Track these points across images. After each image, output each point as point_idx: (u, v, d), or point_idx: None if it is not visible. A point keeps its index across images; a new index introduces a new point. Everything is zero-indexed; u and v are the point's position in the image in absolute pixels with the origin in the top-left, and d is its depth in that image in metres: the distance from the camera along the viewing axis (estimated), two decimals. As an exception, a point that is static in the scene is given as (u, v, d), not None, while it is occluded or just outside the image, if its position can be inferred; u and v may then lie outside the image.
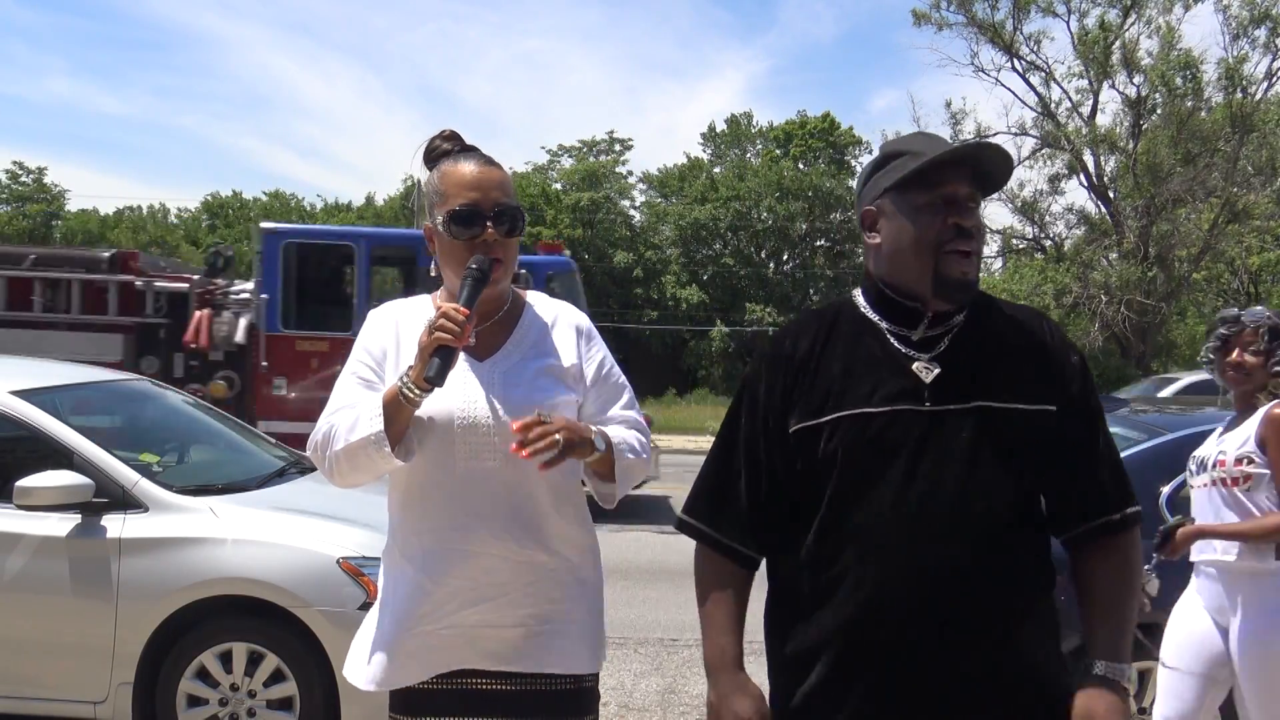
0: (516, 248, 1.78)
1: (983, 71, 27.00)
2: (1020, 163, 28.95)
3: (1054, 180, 28.06)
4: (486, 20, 77.65)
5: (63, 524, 3.45)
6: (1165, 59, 24.57)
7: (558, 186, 40.49)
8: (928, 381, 1.49)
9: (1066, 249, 27.15)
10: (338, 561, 3.43)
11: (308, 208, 53.14)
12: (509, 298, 1.81)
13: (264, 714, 3.45)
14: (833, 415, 1.49)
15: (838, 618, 1.46)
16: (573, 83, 75.32)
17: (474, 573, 1.69)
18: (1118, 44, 25.10)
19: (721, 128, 45.21)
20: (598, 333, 1.88)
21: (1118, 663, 1.47)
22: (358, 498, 4.42)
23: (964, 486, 1.44)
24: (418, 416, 1.65)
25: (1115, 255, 24.93)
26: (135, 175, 78.57)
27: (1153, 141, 24.53)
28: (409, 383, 1.59)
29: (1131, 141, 25.42)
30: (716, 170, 43.06)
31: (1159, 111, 25.24)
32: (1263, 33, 24.21)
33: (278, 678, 3.44)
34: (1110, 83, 25.97)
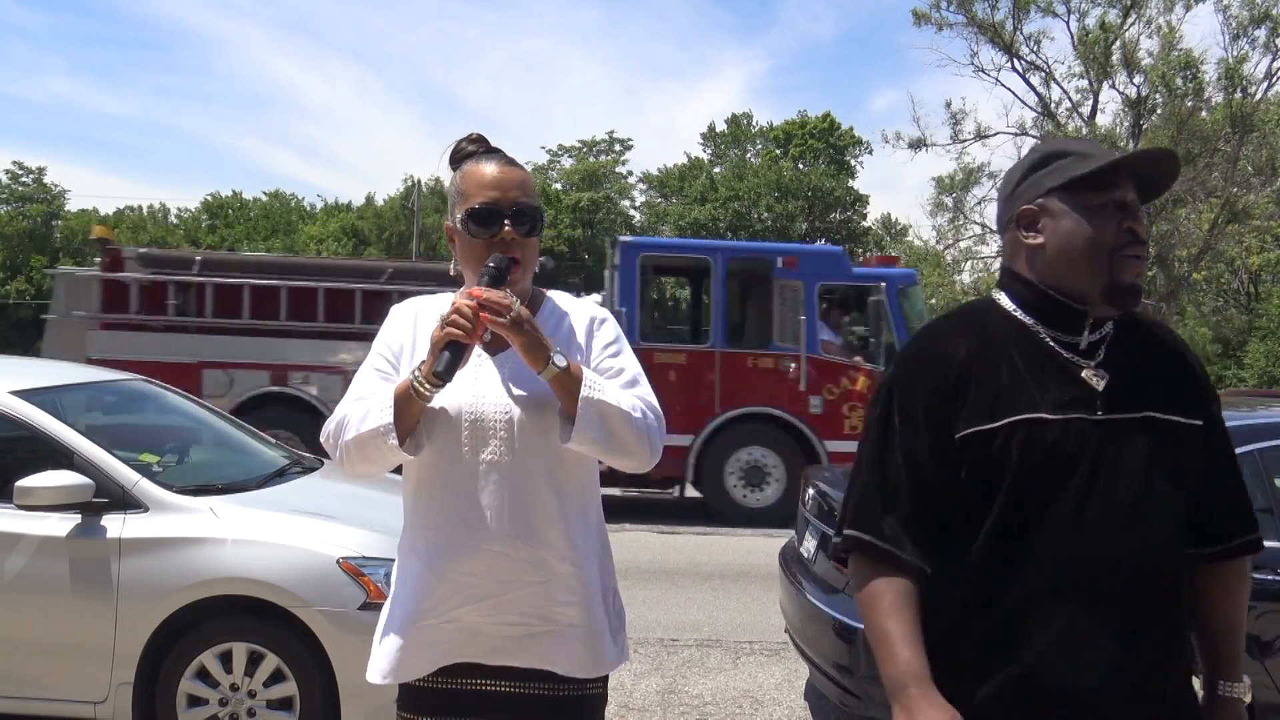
0: (536, 247, 1.79)
1: (983, 71, 27.01)
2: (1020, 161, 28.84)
3: (1054, 180, 28.03)
4: (486, 20, 77.73)
5: (63, 524, 3.45)
6: (1165, 59, 24.57)
7: (558, 186, 40.53)
8: (1100, 390, 1.44)
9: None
10: (338, 561, 3.43)
11: (308, 208, 53.18)
12: (528, 296, 1.81)
13: (264, 714, 3.45)
14: (1007, 420, 1.43)
15: (1020, 636, 1.41)
16: (573, 83, 75.36)
17: (477, 568, 1.68)
18: (1118, 44, 25.11)
19: (721, 128, 45.24)
20: (619, 327, 1.86)
21: (1239, 682, 1.50)
22: (358, 498, 4.42)
23: (1139, 501, 1.41)
24: (429, 409, 1.66)
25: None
26: (135, 175, 78.74)
27: (1153, 141, 24.53)
28: (420, 377, 1.61)
29: (1131, 141, 25.42)
30: (716, 170, 43.05)
31: (1159, 111, 25.24)
32: (1263, 33, 24.21)
33: (278, 678, 3.44)
34: (1110, 83, 25.99)
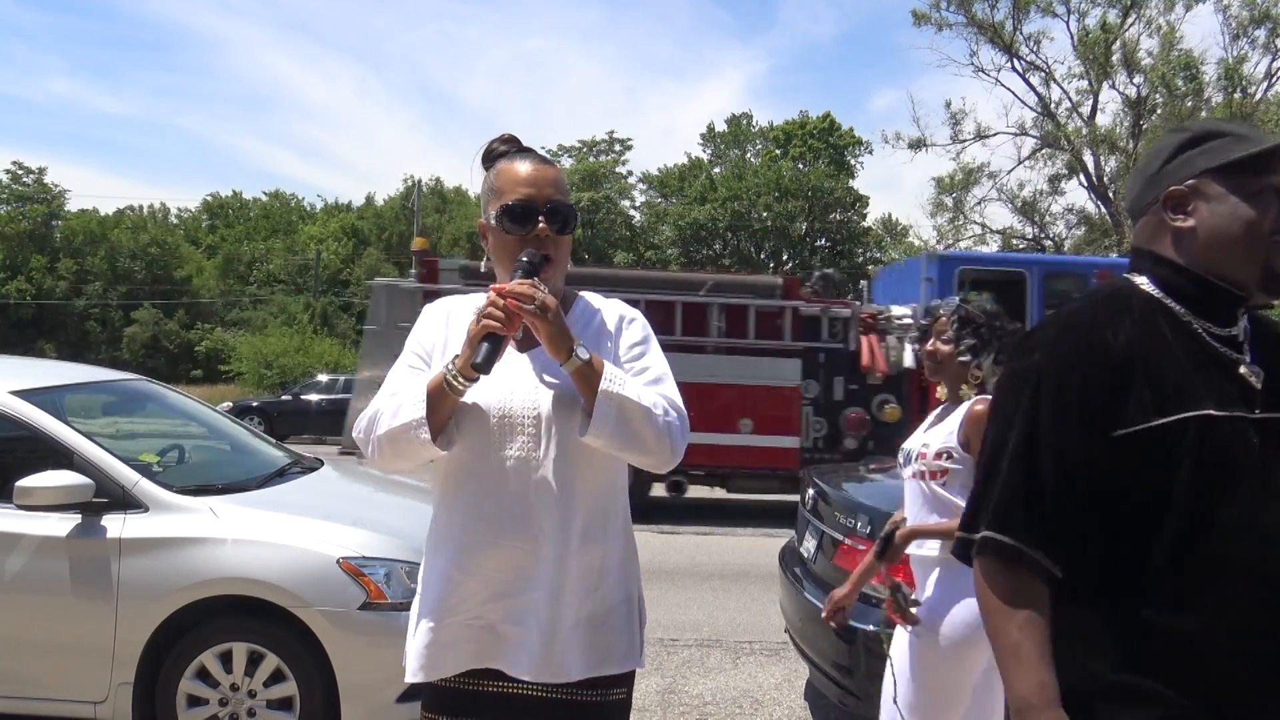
0: (569, 245, 1.80)
1: (983, 71, 27.06)
2: (1020, 163, 28.94)
3: (1054, 180, 28.12)
4: (486, 20, 77.74)
5: (63, 524, 3.45)
6: (1165, 59, 24.59)
7: (558, 186, 40.46)
8: (1258, 387, 1.36)
9: (1066, 249, 27.17)
10: (338, 561, 3.43)
11: (308, 208, 53.17)
12: (560, 294, 1.80)
13: (264, 714, 3.45)
14: (1177, 416, 1.31)
15: (1201, 664, 1.29)
16: (573, 83, 75.35)
17: (503, 564, 1.68)
18: (1118, 44, 25.12)
19: (721, 128, 45.24)
20: (648, 327, 1.86)
21: None
22: (358, 498, 4.43)
23: None
24: (460, 404, 1.66)
25: (1115, 255, 24.92)
26: (135, 175, 78.75)
27: (1152, 142, 24.51)
28: (454, 370, 1.61)
29: (1132, 141, 25.45)
30: (716, 170, 43.06)
31: (1159, 112, 25.26)
32: (1263, 33, 24.24)
33: (278, 678, 3.44)
34: (1110, 83, 26.02)
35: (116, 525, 3.47)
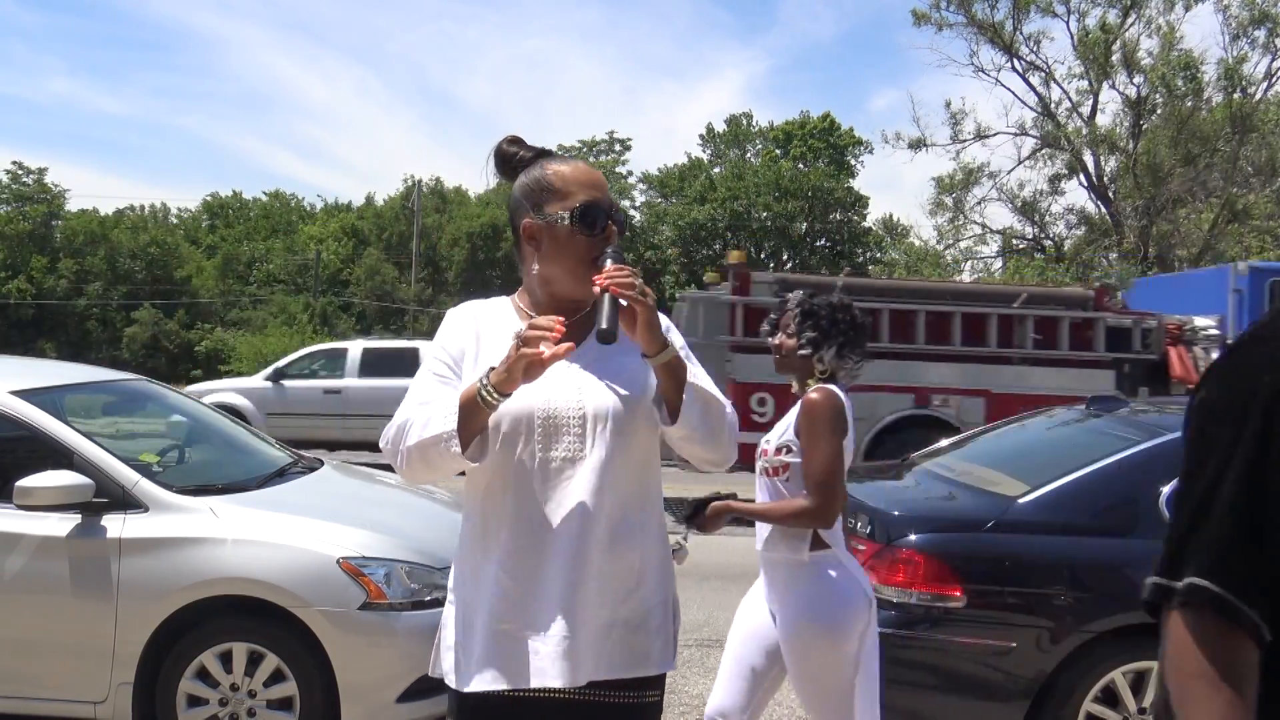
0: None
1: (983, 71, 27.06)
2: (1020, 163, 28.94)
3: (1054, 180, 28.11)
4: (486, 20, 77.79)
5: (63, 524, 3.45)
6: (1165, 59, 24.59)
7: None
8: None
9: (1066, 249, 27.17)
10: (338, 561, 3.43)
11: (308, 208, 53.18)
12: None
13: (264, 714, 3.45)
14: None
15: None
16: (573, 83, 75.39)
17: (548, 568, 1.66)
18: (1118, 44, 25.13)
19: (721, 128, 45.25)
20: (674, 327, 1.86)
21: None
22: (358, 498, 4.43)
23: None
24: (502, 408, 1.64)
25: (1115, 255, 24.93)
26: (135, 175, 78.77)
27: (1153, 142, 24.57)
28: (489, 385, 1.59)
29: (1131, 142, 25.46)
30: (716, 170, 43.08)
31: (1159, 112, 25.28)
32: (1262, 33, 24.25)
33: (278, 678, 3.44)
34: (1110, 83, 26.03)
35: (116, 525, 3.47)
